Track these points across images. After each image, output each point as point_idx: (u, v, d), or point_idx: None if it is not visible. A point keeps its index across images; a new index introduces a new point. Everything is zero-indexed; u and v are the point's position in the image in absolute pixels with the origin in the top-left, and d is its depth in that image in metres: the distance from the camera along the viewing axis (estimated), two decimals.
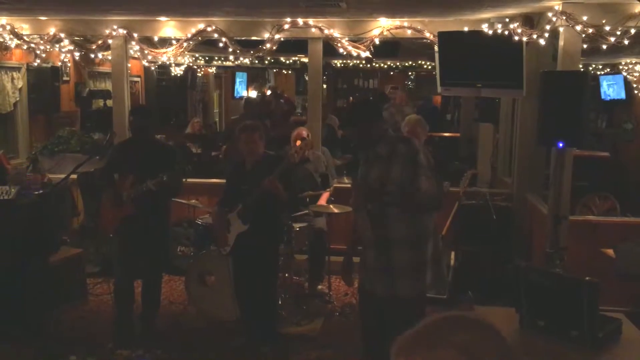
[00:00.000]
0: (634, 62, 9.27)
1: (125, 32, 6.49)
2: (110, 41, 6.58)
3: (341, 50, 6.34)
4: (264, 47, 6.41)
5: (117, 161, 4.76)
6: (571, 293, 2.96)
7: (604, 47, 5.15)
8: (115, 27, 6.47)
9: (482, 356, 1.16)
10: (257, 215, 4.34)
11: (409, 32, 6.20)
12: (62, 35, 6.61)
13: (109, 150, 5.14)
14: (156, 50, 6.64)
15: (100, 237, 6.06)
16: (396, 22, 6.18)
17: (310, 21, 6.29)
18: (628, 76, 9.61)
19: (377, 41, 6.27)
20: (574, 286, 2.97)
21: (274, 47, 6.43)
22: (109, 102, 8.37)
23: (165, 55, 6.66)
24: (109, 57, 7.13)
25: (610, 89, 10.35)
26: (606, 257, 4.69)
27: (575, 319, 2.91)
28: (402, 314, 3.36)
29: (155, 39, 6.66)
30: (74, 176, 5.42)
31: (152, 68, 10.44)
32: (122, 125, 6.56)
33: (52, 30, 6.59)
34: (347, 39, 6.31)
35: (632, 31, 4.96)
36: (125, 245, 4.64)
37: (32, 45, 6.75)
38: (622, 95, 10.14)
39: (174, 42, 6.58)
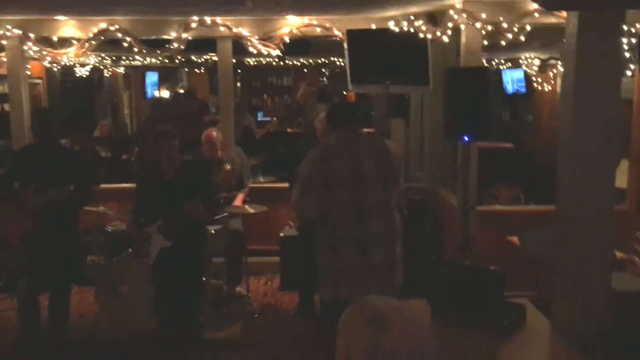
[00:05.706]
0: (532, 56, 9.74)
1: (20, 32, 6.12)
2: (4, 42, 6.19)
3: (251, 49, 6.28)
4: (172, 47, 6.24)
5: (18, 168, 4.50)
6: (479, 283, 3.05)
7: (503, 43, 5.37)
8: (9, 27, 6.08)
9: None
10: (179, 230, 4.24)
11: (318, 30, 6.22)
12: None
13: (8, 156, 4.86)
14: (55, 51, 6.30)
15: (2, 249, 5.71)
16: (305, 20, 6.18)
17: (218, 19, 6.17)
18: (527, 70, 10.08)
19: (287, 39, 6.25)
20: (481, 276, 3.08)
21: (182, 47, 6.26)
22: (6, 107, 7.90)
23: (66, 56, 6.34)
24: (4, 59, 6.70)
25: (512, 82, 10.85)
26: (512, 245, 4.92)
27: (483, 308, 3.00)
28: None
29: (55, 39, 6.31)
30: None
31: (55, 69, 9.93)
32: (21, 131, 6.22)
33: None
34: (256, 37, 6.24)
35: (528, 27, 5.20)
36: (31, 256, 4.41)
37: None
38: (523, 89, 10.65)
39: (74, 42, 6.27)
